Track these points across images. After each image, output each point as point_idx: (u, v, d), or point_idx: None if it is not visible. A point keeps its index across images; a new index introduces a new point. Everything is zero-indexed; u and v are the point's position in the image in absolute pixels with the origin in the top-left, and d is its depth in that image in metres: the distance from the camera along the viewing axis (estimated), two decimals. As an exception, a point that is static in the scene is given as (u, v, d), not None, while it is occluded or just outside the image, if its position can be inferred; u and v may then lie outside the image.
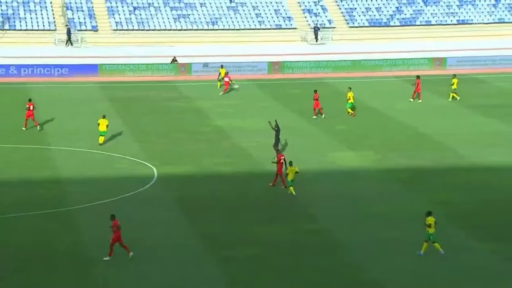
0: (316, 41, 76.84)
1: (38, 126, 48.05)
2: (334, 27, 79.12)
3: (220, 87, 59.91)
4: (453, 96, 58.04)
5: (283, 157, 38.39)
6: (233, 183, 39.05)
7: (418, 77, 58.14)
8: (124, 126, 49.68)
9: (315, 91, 53.39)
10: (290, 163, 37.41)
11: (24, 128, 47.92)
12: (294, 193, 36.94)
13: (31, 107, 47.99)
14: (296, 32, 78.02)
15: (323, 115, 52.82)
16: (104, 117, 46.28)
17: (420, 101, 57.44)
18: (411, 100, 57.60)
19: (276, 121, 44.03)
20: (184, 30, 75.03)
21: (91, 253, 30.29)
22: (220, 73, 60.38)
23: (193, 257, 30.24)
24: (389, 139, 47.88)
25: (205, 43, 73.85)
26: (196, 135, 48.14)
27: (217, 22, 76.21)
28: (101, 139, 45.67)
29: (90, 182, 39.36)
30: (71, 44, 71.18)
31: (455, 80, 57.61)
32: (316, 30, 76.95)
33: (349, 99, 53.49)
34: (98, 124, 45.91)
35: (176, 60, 66.88)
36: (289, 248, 31.07)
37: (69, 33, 71.03)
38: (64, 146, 45.07)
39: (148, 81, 64.12)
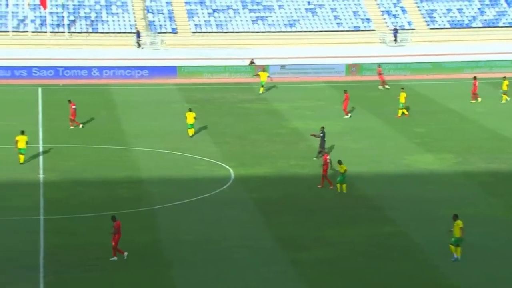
0: (395, 42, 76.13)
1: (73, 126, 48.70)
2: (414, 29, 78.25)
3: (262, 92, 59.66)
4: (506, 99, 57.19)
5: (328, 157, 38.40)
6: (309, 185, 38.92)
7: (474, 78, 57.56)
8: (202, 128, 49.95)
9: (345, 91, 53.42)
10: (340, 162, 37.45)
11: (72, 127, 48.82)
12: (343, 190, 37.18)
13: (73, 107, 48.70)
14: (374, 34, 77.42)
15: (349, 115, 52.88)
16: (190, 110, 47.35)
17: (473, 102, 56.77)
18: (473, 101, 56.85)
19: (322, 127, 43.65)
20: (262, 32, 75.21)
21: (169, 253, 30.59)
22: (260, 76, 60.15)
23: (268, 259, 30.25)
24: (469, 142, 47.06)
25: (282, 45, 73.83)
26: (273, 136, 48.14)
27: (295, 24, 76.20)
28: (191, 131, 47.04)
29: (169, 182, 39.75)
30: (139, 46, 72.11)
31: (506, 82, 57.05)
32: (395, 31, 76.25)
33: (402, 100, 52.98)
34: (186, 118, 46.92)
35: (254, 62, 67.12)
36: (365, 251, 30.80)
37: (138, 36, 72.03)
38: (144, 147, 45.60)
39: (226, 83, 64.42)
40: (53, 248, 30.47)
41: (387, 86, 61.23)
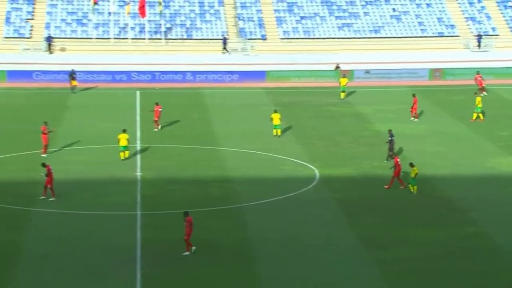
0: (479, 48, 74.68)
1: (158, 128, 49.13)
2: (498, 35, 76.66)
3: (344, 97, 59.15)
4: None
5: (398, 160, 38.08)
6: (393, 187, 38.52)
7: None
8: (288, 130, 49.99)
9: (414, 95, 52.91)
10: (412, 165, 36.98)
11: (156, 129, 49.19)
12: (413, 191, 36.72)
13: (159, 109, 49.13)
14: (458, 39, 76.20)
15: (416, 119, 52.45)
16: (276, 111, 47.79)
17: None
18: None
19: (390, 130, 43.23)
20: (348, 38, 74.90)
21: (256, 250, 30.66)
22: (341, 81, 59.64)
23: (351, 257, 30.05)
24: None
25: (367, 51, 73.41)
26: (357, 138, 47.89)
27: (379, 30, 75.65)
28: (278, 132, 47.45)
29: (257, 181, 39.86)
30: (227, 51, 72.60)
31: None
32: (479, 37, 74.83)
33: (478, 104, 51.94)
34: (272, 119, 47.27)
35: (339, 67, 66.89)
36: (446, 251, 30.25)
37: (224, 42, 72.56)
38: (233, 147, 45.87)
39: (312, 87, 64.29)
40: (148, 242, 30.96)
41: (485, 93, 59.53)
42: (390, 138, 42.71)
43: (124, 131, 43.37)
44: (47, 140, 43.13)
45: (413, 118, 52.62)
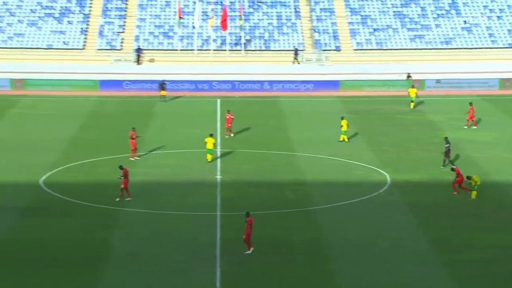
0: None
1: (228, 135, 48.99)
2: None
3: (413, 107, 58.18)
4: None
5: (459, 170, 37.56)
6: (461, 192, 37.90)
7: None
8: (361, 136, 49.71)
9: (470, 104, 51.91)
10: (468, 177, 36.51)
11: (226, 136, 49.13)
12: (474, 197, 36.17)
13: (231, 117, 48.96)
14: None
15: (473, 126, 51.23)
16: (342, 118, 47.73)
17: None
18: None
19: (446, 137, 42.59)
20: (419, 49, 73.99)
21: (329, 250, 30.53)
22: (409, 92, 58.67)
23: (421, 259, 29.65)
24: None
25: (438, 61, 72.36)
26: (427, 145, 47.19)
27: (451, 41, 74.49)
28: (344, 137, 47.24)
29: (331, 185, 39.77)
30: (298, 62, 72.42)
31: None
32: None
33: None
34: (341, 126, 47.18)
35: (410, 76, 66.19)
36: None
37: (296, 53, 72.42)
38: (309, 153, 45.75)
39: (384, 96, 63.74)
40: (227, 241, 31.12)
41: None
42: (447, 146, 42.09)
43: (211, 135, 43.95)
44: (135, 145, 43.83)
45: (466, 127, 51.72)
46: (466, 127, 51.80)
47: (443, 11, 77.22)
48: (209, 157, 43.47)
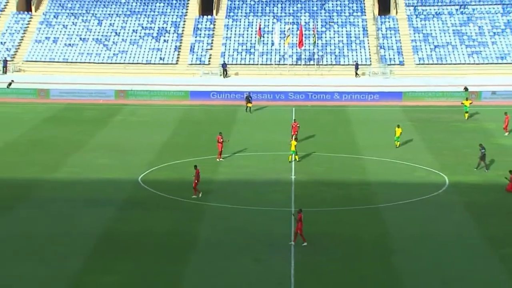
0: None
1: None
2: None
3: (467, 118, 56.36)
4: None
5: None
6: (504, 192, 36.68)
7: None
8: (422, 142, 48.87)
9: (506, 113, 50.53)
10: None
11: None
12: None
13: (297, 125, 48.09)
14: None
15: (505, 133, 49.72)
16: (398, 126, 46.87)
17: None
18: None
19: (480, 144, 41.49)
20: (476, 64, 72.07)
21: (393, 244, 30.02)
22: (464, 103, 56.93)
23: (478, 253, 28.95)
24: None
25: (494, 75, 70.26)
26: (477, 150, 45.78)
27: (505, 57, 72.23)
28: (397, 144, 46.46)
29: (394, 185, 39.13)
30: (358, 75, 71.19)
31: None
32: None
33: None
34: (395, 132, 46.47)
35: (467, 89, 64.59)
36: None
37: (356, 67, 71.37)
38: (374, 156, 45.17)
39: (443, 106, 62.44)
40: (308, 240, 30.81)
41: None
42: (482, 151, 41.01)
43: (296, 139, 43.97)
44: (221, 147, 44.04)
45: (507, 134, 50.17)
46: (506, 134, 50.03)
47: (499, 30, 75.11)
48: (290, 157, 43.52)
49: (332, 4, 79.71)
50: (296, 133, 48.05)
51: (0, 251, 29.45)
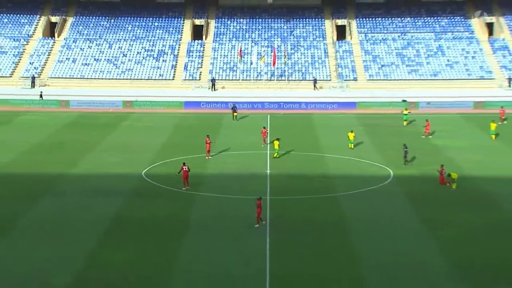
0: (509, 87, 70.24)
1: (264, 145, 47.11)
2: None
3: (406, 125, 55.93)
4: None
5: (444, 169, 36.72)
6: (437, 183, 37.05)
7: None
8: (372, 143, 48.95)
9: (427, 120, 50.55)
10: (449, 174, 35.73)
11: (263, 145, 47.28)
12: (454, 188, 35.27)
13: (266, 131, 47.63)
14: (494, 81, 71.80)
15: (429, 136, 49.69)
16: (352, 131, 46.80)
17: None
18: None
19: (404, 144, 41.97)
20: (414, 80, 72.56)
21: (349, 225, 30.14)
22: (403, 112, 56.95)
23: (414, 233, 29.22)
24: None
25: (428, 89, 70.80)
26: (420, 150, 46.05)
27: (437, 74, 72.83)
28: (350, 145, 46.23)
29: (349, 178, 39.19)
30: (317, 89, 71.15)
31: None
32: (509, 80, 70.43)
33: (493, 128, 48.79)
34: (348, 136, 46.37)
35: (406, 100, 65.22)
36: (487, 229, 28.60)
37: (315, 82, 71.41)
38: (334, 154, 45.26)
39: (388, 114, 62.57)
40: (275, 217, 30.91)
41: (505, 122, 56.06)
42: (405, 150, 41.37)
43: (278, 139, 43.71)
44: (209, 147, 43.92)
45: (424, 136, 50.39)
46: (423, 137, 50.36)
47: (432, 53, 75.70)
48: (277, 154, 43.21)
49: (299, 31, 79.80)
50: (265, 137, 47.65)
51: (33, 231, 29.33)
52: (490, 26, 79.05)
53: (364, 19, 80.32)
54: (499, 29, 78.20)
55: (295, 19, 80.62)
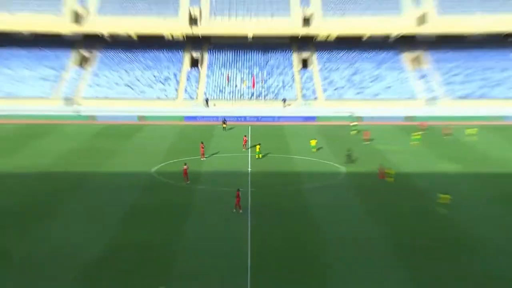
0: (426, 105, 70.50)
1: (245, 149, 46.23)
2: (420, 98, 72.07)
3: (354, 134, 56.72)
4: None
5: (381, 168, 36.80)
6: (377, 178, 37.29)
7: None
8: (328, 148, 49.12)
9: (366, 131, 51.10)
10: (388, 171, 36.08)
11: (244, 149, 46.67)
12: (391, 181, 35.62)
13: (246, 139, 46.70)
14: (419, 100, 72.77)
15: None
16: (314, 139, 47.15)
17: None
18: None
19: (348, 149, 42.29)
20: (361, 99, 73.20)
21: (312, 210, 30.26)
22: (351, 124, 57.29)
23: (360, 216, 29.27)
24: None
25: (371, 106, 71.13)
26: (365, 153, 46.19)
27: (378, 95, 73.58)
28: (314, 150, 46.27)
29: (312, 174, 39.18)
30: (285, 106, 71.12)
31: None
32: (428, 100, 70.65)
33: (416, 136, 48.54)
34: (311, 143, 46.61)
35: (352, 113, 65.70)
36: (411, 211, 29.25)
37: (284, 101, 71.74)
38: (300, 156, 45.43)
39: (341, 125, 62.50)
40: (255, 204, 31.19)
41: (427, 132, 55.76)
42: (347, 153, 41.92)
43: (259, 144, 43.61)
44: (203, 151, 43.93)
45: (366, 142, 49.88)
46: (365, 143, 49.52)
47: (374, 78, 76.55)
48: (259, 155, 42.98)
49: (273, 61, 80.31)
50: (245, 143, 47.26)
51: (70, 215, 29.37)
52: (416, 59, 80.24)
53: (322, 53, 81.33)
54: (424, 62, 79.58)
55: (269, 53, 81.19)
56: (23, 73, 75.69)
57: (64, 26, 76.73)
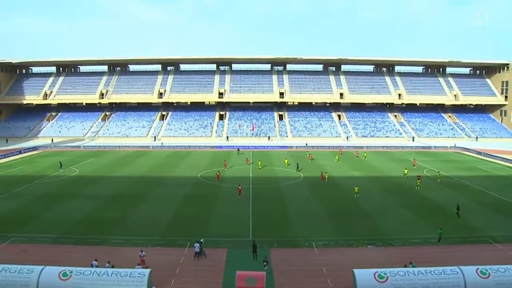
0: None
1: (248, 163, 43.09)
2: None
3: (311, 159, 46.00)
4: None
5: (323, 173, 34.94)
6: (319, 179, 36.67)
7: None
8: (294, 164, 44.72)
9: (309, 154, 47.24)
10: (324, 174, 34.44)
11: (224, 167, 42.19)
12: (327, 180, 33.95)
13: (247, 160, 44.02)
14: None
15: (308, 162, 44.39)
16: (286, 158, 45.45)
17: None
18: None
19: (298, 164, 39.55)
20: (313, 136, 71.93)
21: (285, 198, 29.83)
22: (307, 152, 49.43)
23: (314, 203, 28.64)
24: None
25: (320, 140, 69.50)
26: (321, 166, 42.70)
27: (325, 132, 72.15)
28: (286, 165, 43.51)
29: (285, 178, 37.31)
30: (269, 140, 66.69)
31: None
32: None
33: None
34: (284, 161, 43.83)
35: (307, 144, 63.82)
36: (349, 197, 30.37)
37: (269, 138, 67.86)
38: (279, 168, 43.30)
39: (302, 151, 55.03)
40: (254, 194, 31.16)
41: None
42: (298, 167, 39.67)
43: (260, 161, 41.69)
44: (226, 165, 43.20)
45: (311, 160, 45.96)
46: (310, 160, 45.38)
47: (317, 125, 75.69)
48: (260, 167, 41.47)
49: (264, 116, 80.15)
50: (247, 161, 44.76)
51: (153, 201, 29.31)
52: (340, 116, 79.16)
53: (290, 112, 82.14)
54: (343, 117, 78.88)
55: (261, 111, 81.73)
56: (132, 123, 77.92)
57: (153, 99, 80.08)
